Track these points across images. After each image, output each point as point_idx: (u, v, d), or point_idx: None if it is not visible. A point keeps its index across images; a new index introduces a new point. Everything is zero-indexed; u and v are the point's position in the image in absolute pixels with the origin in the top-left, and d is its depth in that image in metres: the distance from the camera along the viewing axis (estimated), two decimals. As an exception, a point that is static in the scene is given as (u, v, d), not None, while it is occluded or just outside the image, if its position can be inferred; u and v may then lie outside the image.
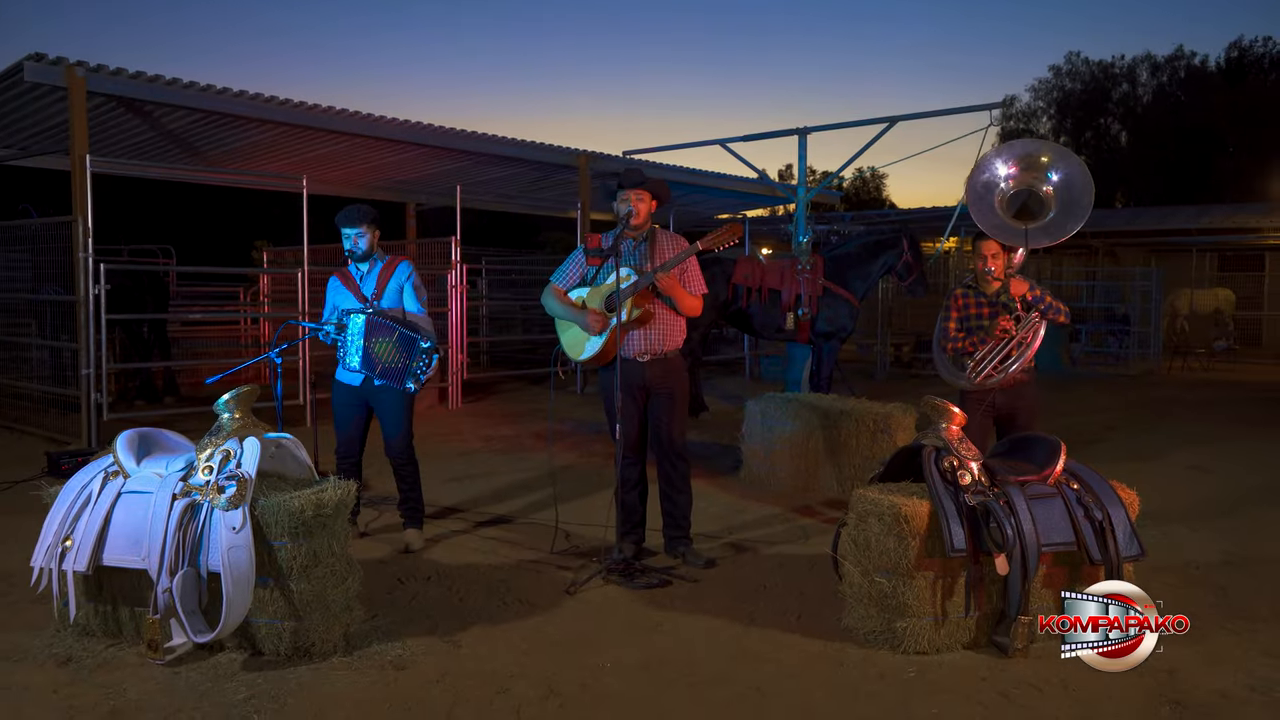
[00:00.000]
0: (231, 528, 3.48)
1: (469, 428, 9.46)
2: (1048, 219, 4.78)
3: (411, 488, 5.26)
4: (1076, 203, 4.73)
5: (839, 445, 6.51)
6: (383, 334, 4.89)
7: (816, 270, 9.31)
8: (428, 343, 4.87)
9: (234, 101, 8.90)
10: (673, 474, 4.93)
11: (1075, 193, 4.74)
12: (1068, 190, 4.75)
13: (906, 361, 15.83)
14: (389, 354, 4.88)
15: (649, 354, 4.79)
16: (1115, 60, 36.44)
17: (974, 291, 5.00)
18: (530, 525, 5.74)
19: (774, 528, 5.75)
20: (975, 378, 4.88)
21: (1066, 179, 4.74)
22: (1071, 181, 4.76)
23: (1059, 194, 4.79)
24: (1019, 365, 4.81)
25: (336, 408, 5.20)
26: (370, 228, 5.09)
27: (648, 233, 4.87)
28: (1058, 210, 4.80)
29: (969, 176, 4.94)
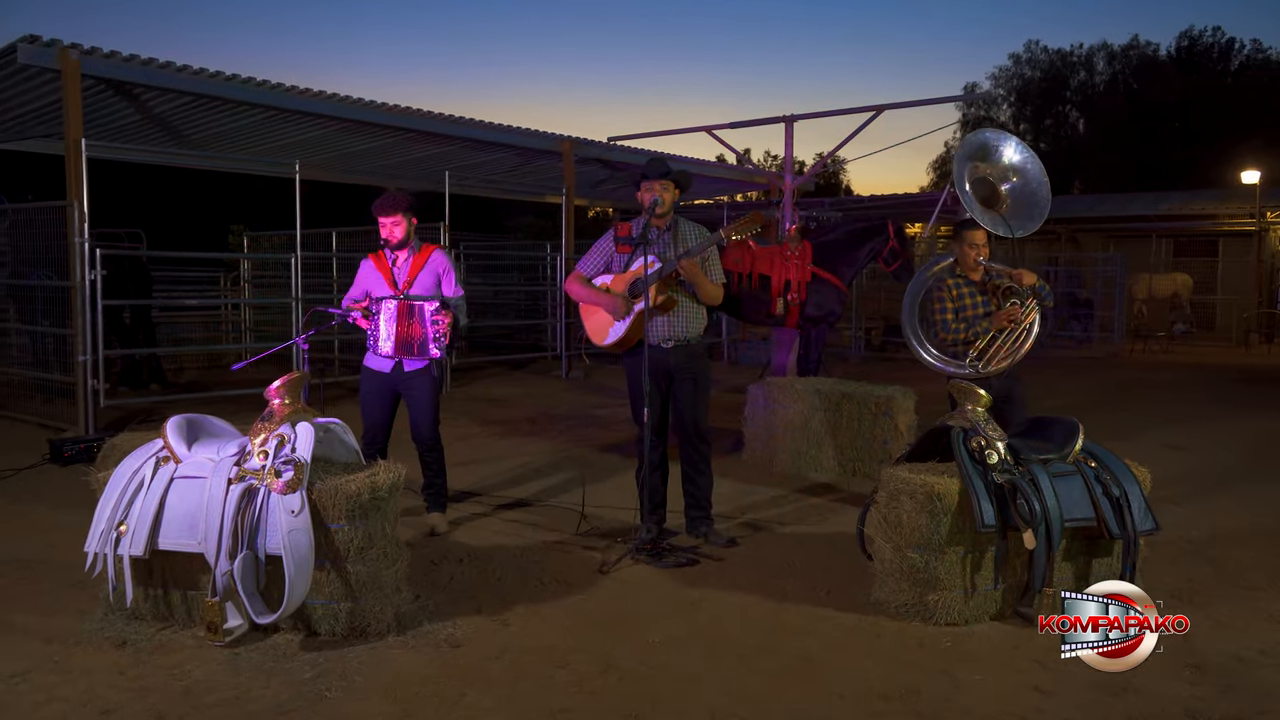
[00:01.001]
0: (290, 511, 3.55)
1: (462, 412, 9.51)
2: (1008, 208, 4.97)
3: (437, 473, 5.34)
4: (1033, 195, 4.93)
5: (840, 428, 6.69)
6: (410, 314, 4.96)
7: (805, 256, 9.48)
8: (432, 304, 4.93)
9: (224, 85, 8.83)
10: (695, 456, 5.07)
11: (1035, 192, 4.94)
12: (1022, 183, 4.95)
13: (878, 345, 16.13)
14: (416, 332, 4.96)
15: (673, 340, 4.91)
16: (1074, 49, 37.14)
17: (963, 281, 5.18)
18: (548, 508, 5.85)
19: (784, 508, 5.92)
20: (986, 366, 5.06)
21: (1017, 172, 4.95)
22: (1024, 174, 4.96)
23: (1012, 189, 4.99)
24: (1024, 351, 5.01)
25: (364, 394, 5.26)
26: (407, 215, 5.13)
27: (671, 221, 4.99)
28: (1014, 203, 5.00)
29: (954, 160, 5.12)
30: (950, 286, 5.22)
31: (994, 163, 5.04)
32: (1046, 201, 4.97)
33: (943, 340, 5.23)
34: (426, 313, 4.92)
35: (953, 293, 5.20)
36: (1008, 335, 5.04)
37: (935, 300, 5.25)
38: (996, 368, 5.07)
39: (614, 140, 12.53)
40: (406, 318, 4.97)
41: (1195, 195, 22.92)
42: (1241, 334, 19.23)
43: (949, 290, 5.22)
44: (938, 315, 5.26)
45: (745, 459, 7.14)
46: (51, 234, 8.03)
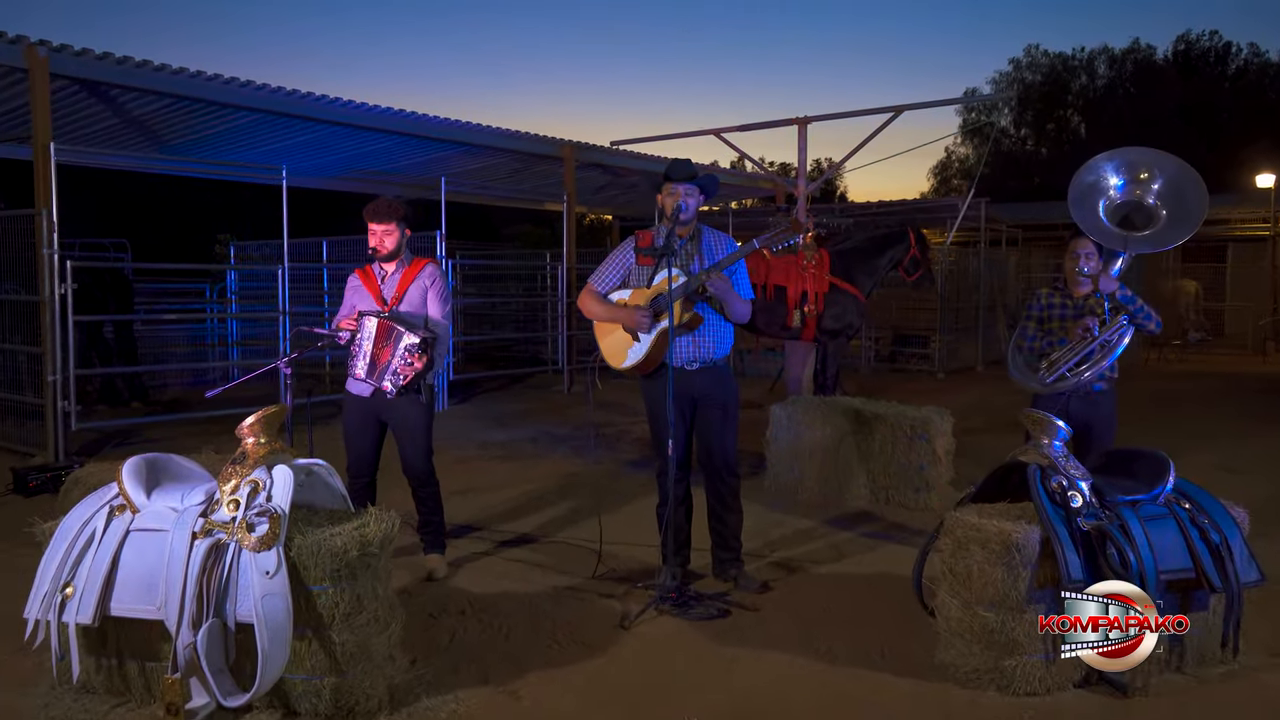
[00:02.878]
0: (265, 572, 3.02)
1: (461, 432, 8.98)
2: (1153, 230, 4.44)
3: (433, 510, 4.81)
4: (1187, 215, 4.40)
5: (872, 452, 6.18)
6: (387, 336, 4.43)
7: (822, 265, 8.97)
8: (414, 338, 4.37)
9: (205, 85, 8.31)
10: (724, 491, 4.54)
11: (1186, 204, 4.40)
12: (1177, 202, 4.40)
13: (888, 355, 15.64)
14: (385, 355, 4.42)
15: (698, 362, 4.39)
16: (1075, 52, 36.76)
17: (1060, 294, 4.68)
18: (557, 544, 5.32)
19: (815, 543, 5.39)
20: (1045, 376, 4.55)
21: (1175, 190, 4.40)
22: (1182, 192, 4.42)
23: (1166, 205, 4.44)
24: (1095, 371, 4.48)
25: (347, 422, 4.73)
26: (401, 225, 4.62)
27: (695, 230, 4.47)
28: (1165, 222, 4.46)
29: (1076, 174, 4.59)
30: (1041, 295, 4.79)
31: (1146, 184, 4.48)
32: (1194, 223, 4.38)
33: (1019, 349, 4.77)
34: (402, 345, 4.38)
35: (1041, 301, 4.76)
36: (1071, 349, 4.50)
37: (1025, 308, 4.83)
38: (1059, 381, 4.54)
39: (616, 145, 12.01)
40: (384, 338, 4.44)
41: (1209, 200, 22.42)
42: (1258, 341, 18.76)
43: (1038, 300, 4.78)
44: (1020, 325, 4.83)
45: (768, 484, 6.61)
46: (20, 245, 7.49)
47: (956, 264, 16.60)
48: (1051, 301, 4.71)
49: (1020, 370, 4.73)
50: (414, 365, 4.38)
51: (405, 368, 4.39)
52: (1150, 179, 4.41)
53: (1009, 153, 37.16)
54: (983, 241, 16.06)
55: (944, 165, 39.56)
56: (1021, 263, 19.82)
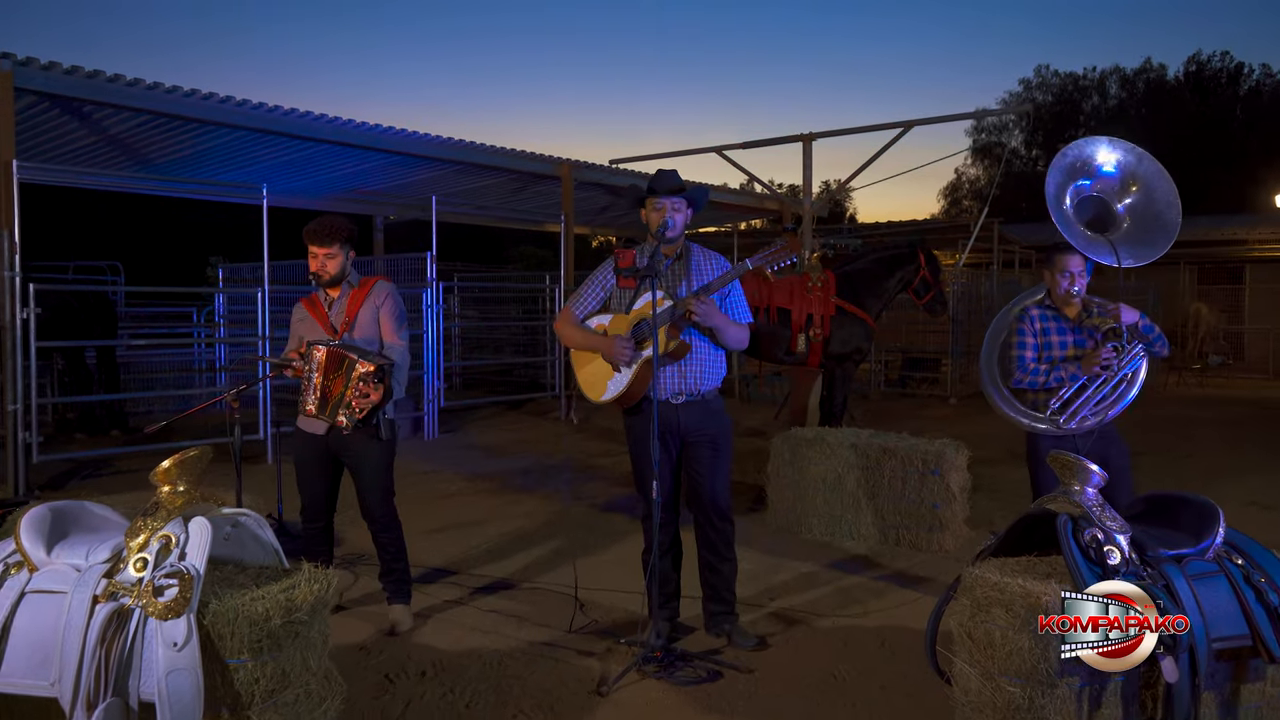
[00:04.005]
0: (172, 644, 2.60)
1: (449, 463, 8.57)
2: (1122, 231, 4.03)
3: (395, 556, 4.39)
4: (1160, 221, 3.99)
5: (880, 488, 5.73)
6: (338, 365, 4.02)
7: (828, 287, 8.55)
8: (367, 367, 3.96)
9: (182, 102, 7.97)
10: (715, 538, 4.11)
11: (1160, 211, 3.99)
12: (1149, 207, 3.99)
13: (897, 380, 15.18)
14: (337, 387, 4.01)
15: (684, 394, 3.97)
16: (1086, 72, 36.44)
17: (1054, 314, 4.22)
18: (536, 591, 4.89)
19: (819, 590, 4.94)
20: (1066, 421, 4.09)
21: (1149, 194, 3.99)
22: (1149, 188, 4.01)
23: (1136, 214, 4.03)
24: (1120, 408, 4.04)
25: (298, 462, 4.32)
26: (344, 247, 4.23)
27: (682, 248, 4.07)
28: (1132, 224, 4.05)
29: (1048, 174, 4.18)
30: (1034, 319, 4.24)
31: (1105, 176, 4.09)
32: (1174, 223, 4.01)
33: (1019, 382, 4.24)
34: (355, 375, 3.97)
35: (1036, 326, 4.23)
36: (1099, 385, 4.07)
37: (1015, 334, 4.28)
38: (1082, 424, 4.09)
39: (616, 163, 11.65)
40: (334, 368, 4.03)
41: (1224, 220, 21.95)
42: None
43: (1031, 324, 4.24)
44: (1015, 352, 4.28)
45: (768, 522, 6.17)
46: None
47: (969, 285, 16.18)
48: (1047, 325, 4.23)
49: (1012, 405, 4.27)
50: (370, 397, 3.98)
51: (360, 400, 3.98)
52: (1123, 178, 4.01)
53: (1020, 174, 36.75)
54: (995, 263, 15.64)
55: (954, 186, 39.20)
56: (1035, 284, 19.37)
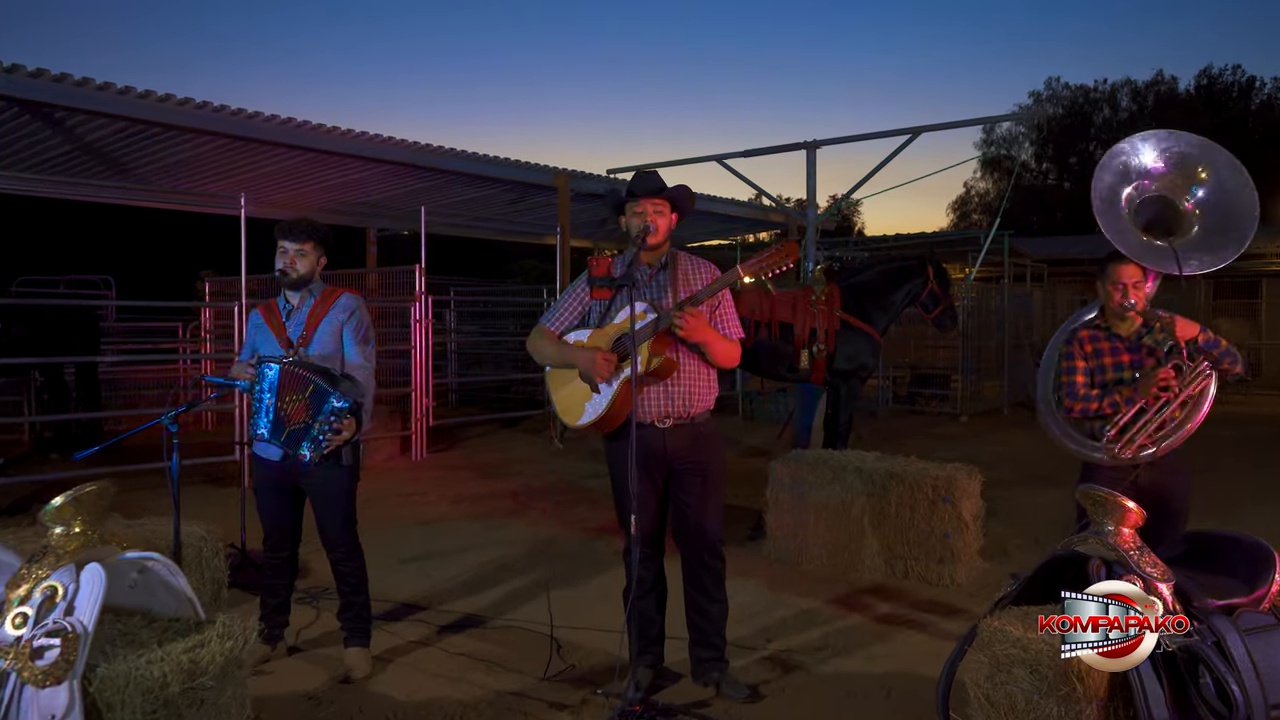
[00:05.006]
0: (49, 717, 2.22)
1: (435, 485, 8.18)
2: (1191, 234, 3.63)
3: (355, 590, 4.00)
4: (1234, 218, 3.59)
5: (887, 516, 5.32)
6: (298, 388, 3.65)
7: (833, 301, 8.16)
8: (343, 402, 3.62)
9: (160, 108, 7.65)
10: (704, 577, 3.71)
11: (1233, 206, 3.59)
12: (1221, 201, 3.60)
13: (906, 396, 14.73)
14: (298, 414, 3.64)
15: (671, 418, 3.58)
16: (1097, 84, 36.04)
17: (1106, 333, 3.80)
18: (511, 630, 4.49)
19: (820, 629, 4.53)
20: (1121, 450, 3.62)
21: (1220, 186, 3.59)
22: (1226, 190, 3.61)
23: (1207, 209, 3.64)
24: (1183, 434, 3.60)
25: (259, 489, 3.95)
26: (316, 248, 3.88)
27: (666, 256, 3.68)
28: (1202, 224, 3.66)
29: (1095, 175, 3.79)
30: (1085, 340, 3.79)
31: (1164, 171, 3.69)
32: (1250, 220, 3.59)
33: (1070, 411, 3.80)
34: (326, 408, 3.59)
35: (1085, 348, 3.78)
36: (1159, 410, 3.59)
37: (1064, 358, 3.84)
38: (1137, 454, 3.61)
39: (614, 173, 11.29)
40: (292, 391, 3.67)
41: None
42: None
43: (1080, 346, 3.79)
44: (1064, 378, 3.82)
45: (767, 552, 5.76)
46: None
47: (979, 300, 15.73)
48: (1098, 345, 3.79)
49: (1069, 435, 3.84)
50: (341, 434, 3.63)
51: (331, 436, 3.62)
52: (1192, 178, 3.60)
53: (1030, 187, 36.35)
54: (1006, 276, 15.21)
55: (963, 200, 38.79)
56: (1047, 298, 18.95)
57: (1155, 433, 3.56)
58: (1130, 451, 3.56)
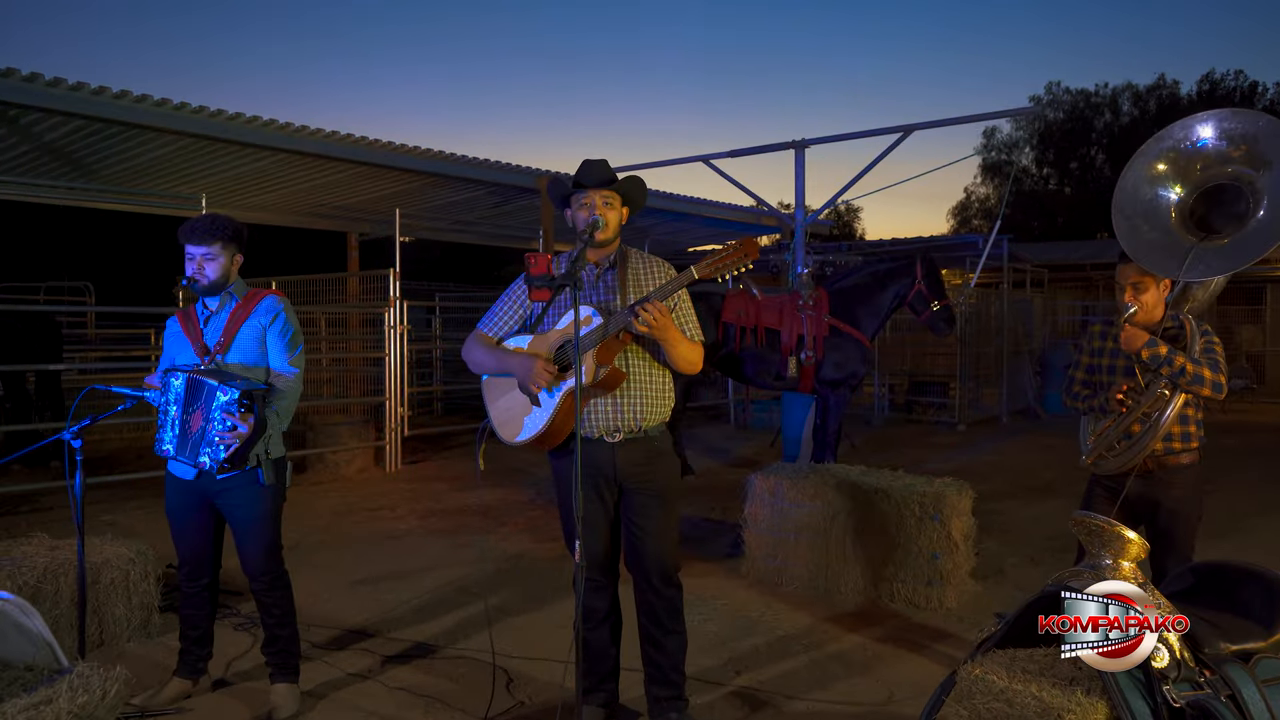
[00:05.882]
0: None
1: (406, 498, 7.84)
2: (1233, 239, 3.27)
3: (280, 622, 3.65)
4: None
5: (873, 534, 4.97)
6: (203, 399, 3.31)
7: (820, 306, 7.82)
8: (230, 393, 3.24)
9: (118, 106, 7.30)
10: (659, 607, 3.35)
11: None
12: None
13: (903, 404, 14.37)
14: (197, 421, 3.30)
15: (621, 431, 3.24)
16: (1098, 89, 35.69)
17: (1114, 333, 3.52)
18: (461, 660, 4.14)
19: (795, 660, 4.17)
20: (1090, 458, 3.44)
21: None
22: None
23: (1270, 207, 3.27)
24: (1137, 451, 3.31)
25: (171, 510, 3.60)
26: (226, 248, 3.53)
27: (617, 254, 3.34)
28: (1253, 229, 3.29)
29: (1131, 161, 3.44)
30: (1093, 335, 3.71)
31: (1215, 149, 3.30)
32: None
33: (1063, 404, 3.70)
34: (215, 405, 3.26)
35: (1094, 343, 3.67)
36: (1119, 423, 3.38)
37: (1076, 349, 3.75)
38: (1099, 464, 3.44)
39: (599, 175, 10.92)
40: (193, 399, 3.33)
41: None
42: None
43: (1090, 340, 3.71)
44: (1070, 369, 3.77)
45: (745, 571, 5.41)
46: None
47: (979, 306, 15.38)
48: (1103, 345, 3.60)
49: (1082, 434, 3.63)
50: (236, 430, 3.26)
51: (226, 434, 3.26)
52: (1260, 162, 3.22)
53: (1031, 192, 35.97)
54: (1006, 282, 14.85)
55: (964, 206, 38.41)
56: (1048, 305, 18.59)
57: (1117, 445, 3.29)
58: (1090, 460, 3.34)
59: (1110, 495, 3.38)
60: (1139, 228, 3.37)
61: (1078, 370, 3.69)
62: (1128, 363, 3.42)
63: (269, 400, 3.41)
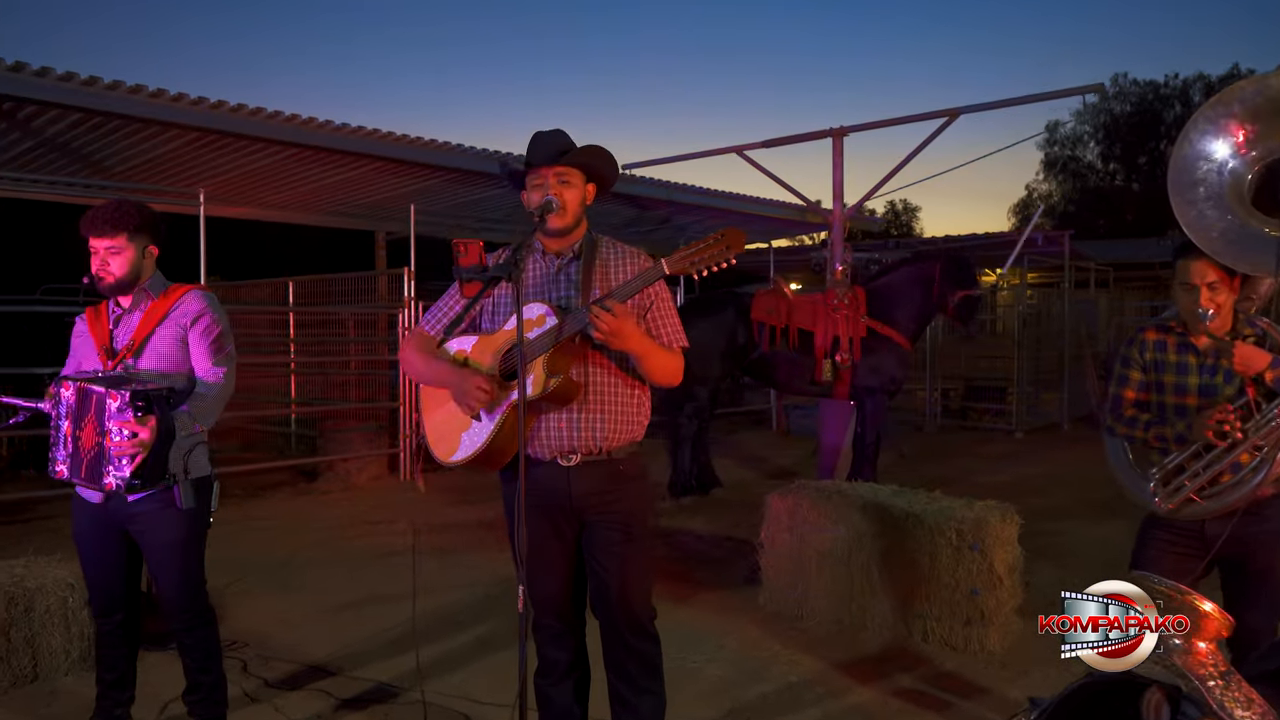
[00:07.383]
0: None
1: (409, 509, 7.42)
2: None
3: (203, 666, 3.18)
4: None
5: (901, 565, 4.36)
6: (93, 409, 2.85)
7: (857, 306, 7.22)
8: (120, 397, 2.75)
9: (119, 99, 6.97)
10: (629, 662, 2.80)
11: None
12: None
13: (958, 410, 13.61)
14: (90, 437, 2.84)
15: (578, 453, 2.70)
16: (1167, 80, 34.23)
17: (1178, 339, 2.84)
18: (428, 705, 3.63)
19: (809, 711, 3.61)
20: (1167, 500, 2.71)
21: None
22: None
23: None
24: (1248, 491, 2.63)
25: (77, 535, 3.15)
26: (135, 239, 3.07)
27: (583, 242, 2.81)
28: None
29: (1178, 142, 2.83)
30: (1145, 345, 2.91)
31: None
32: None
33: (1111, 430, 2.92)
34: (106, 413, 2.79)
35: (1147, 355, 2.90)
36: (1216, 458, 2.65)
37: (1119, 362, 2.98)
38: (1184, 508, 2.70)
39: (629, 168, 10.39)
40: (83, 411, 2.87)
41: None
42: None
43: (1141, 352, 2.92)
44: (1113, 387, 2.97)
45: (763, 602, 4.84)
46: None
47: (1039, 307, 14.52)
48: (1163, 356, 2.85)
49: (1125, 467, 2.91)
50: (138, 436, 2.77)
51: (125, 444, 2.78)
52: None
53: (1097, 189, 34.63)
54: (1067, 281, 14.00)
55: (1025, 204, 37.17)
56: (1113, 305, 17.61)
57: (1209, 486, 2.61)
58: (1174, 505, 2.63)
59: (1176, 541, 2.73)
60: (1206, 215, 2.75)
61: (1126, 388, 2.93)
62: (1205, 378, 2.75)
63: (176, 400, 2.92)
